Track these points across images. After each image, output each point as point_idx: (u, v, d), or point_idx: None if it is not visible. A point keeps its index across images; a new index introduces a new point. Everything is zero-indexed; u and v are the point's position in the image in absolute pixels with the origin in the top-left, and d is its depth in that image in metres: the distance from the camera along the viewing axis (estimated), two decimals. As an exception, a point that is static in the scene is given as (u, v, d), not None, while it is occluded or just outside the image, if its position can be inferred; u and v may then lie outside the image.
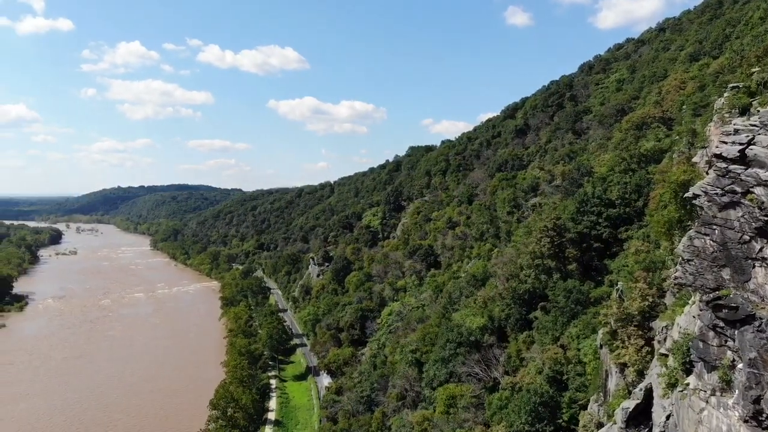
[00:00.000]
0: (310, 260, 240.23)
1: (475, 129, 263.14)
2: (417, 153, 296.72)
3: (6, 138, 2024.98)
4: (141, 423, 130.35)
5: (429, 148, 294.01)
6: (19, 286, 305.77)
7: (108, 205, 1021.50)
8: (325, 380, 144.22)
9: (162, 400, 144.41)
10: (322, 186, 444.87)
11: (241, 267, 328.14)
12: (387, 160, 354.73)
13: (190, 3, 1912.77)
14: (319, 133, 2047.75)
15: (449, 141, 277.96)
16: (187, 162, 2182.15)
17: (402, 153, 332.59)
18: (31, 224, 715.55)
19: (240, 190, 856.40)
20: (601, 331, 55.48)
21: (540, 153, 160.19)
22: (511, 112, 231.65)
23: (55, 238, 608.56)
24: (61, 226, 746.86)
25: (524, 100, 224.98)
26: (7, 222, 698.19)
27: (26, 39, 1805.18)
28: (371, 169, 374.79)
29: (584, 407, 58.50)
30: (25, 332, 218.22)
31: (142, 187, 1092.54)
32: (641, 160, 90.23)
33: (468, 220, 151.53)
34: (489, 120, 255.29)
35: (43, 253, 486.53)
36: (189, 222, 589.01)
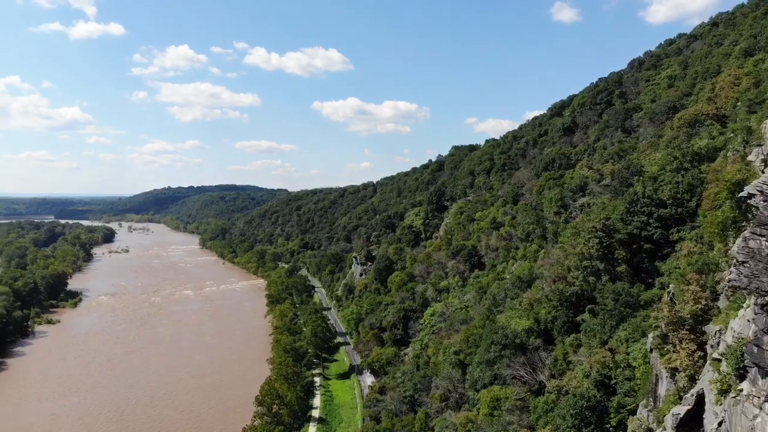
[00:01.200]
0: (353, 259, 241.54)
1: (520, 127, 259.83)
2: (460, 152, 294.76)
3: (61, 140, 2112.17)
4: (188, 418, 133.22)
5: (473, 148, 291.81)
6: (74, 283, 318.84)
7: (158, 205, 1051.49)
8: (368, 379, 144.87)
9: (209, 395, 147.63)
10: (365, 186, 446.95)
11: (286, 265, 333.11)
12: (430, 160, 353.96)
13: (237, 6, 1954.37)
14: (363, 133, 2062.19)
15: (494, 140, 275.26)
16: (234, 163, 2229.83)
17: (445, 152, 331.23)
18: (86, 223, 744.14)
19: (285, 190, 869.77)
20: (651, 335, 54.06)
21: (588, 151, 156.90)
22: (558, 109, 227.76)
23: (108, 236, 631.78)
24: (113, 225, 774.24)
25: (572, 98, 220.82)
26: (63, 221, 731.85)
27: (79, 44, 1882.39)
28: (414, 169, 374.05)
29: (633, 412, 57.10)
30: (78, 328, 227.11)
31: (191, 187, 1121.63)
32: (694, 158, 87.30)
33: (513, 221, 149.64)
34: (535, 118, 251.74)
35: (96, 251, 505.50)
36: (236, 221, 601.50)
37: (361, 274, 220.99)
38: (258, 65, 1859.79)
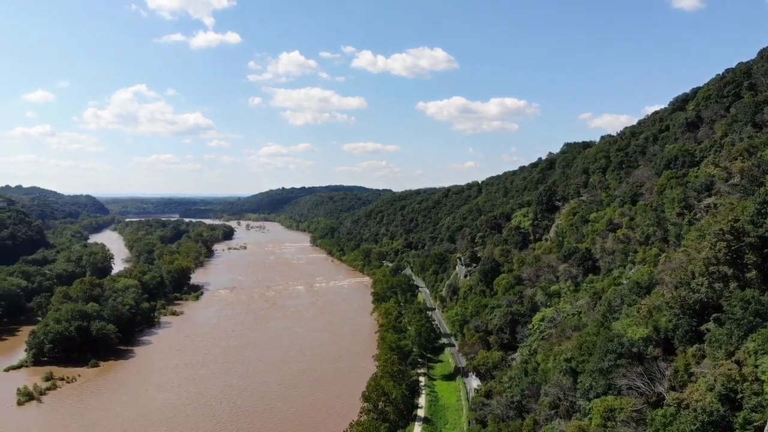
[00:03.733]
0: (458, 260, 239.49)
1: (639, 123, 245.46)
2: (573, 150, 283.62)
3: (185, 144, 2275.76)
4: (297, 411, 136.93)
5: (587, 145, 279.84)
6: (196, 278, 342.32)
7: (273, 205, 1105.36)
8: (474, 382, 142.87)
9: (317, 389, 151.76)
10: (470, 186, 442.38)
11: (390, 264, 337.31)
12: (539, 158, 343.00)
13: (344, 11, 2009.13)
14: (467, 132, 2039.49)
15: (610, 136, 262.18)
16: (342, 164, 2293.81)
17: (556, 150, 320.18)
18: (207, 222, 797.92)
19: (390, 190, 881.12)
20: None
21: (714, 148, 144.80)
22: (680, 103, 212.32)
23: (228, 234, 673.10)
24: (232, 224, 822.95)
25: (696, 91, 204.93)
26: (187, 219, 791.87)
27: (199, 53, 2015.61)
28: (522, 168, 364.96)
29: (760, 429, 52.26)
30: (198, 320, 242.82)
31: (303, 188, 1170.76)
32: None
33: (631, 222, 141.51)
34: (655, 113, 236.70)
35: (217, 247, 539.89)
36: (344, 220, 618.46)
37: (465, 276, 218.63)
38: (364, 68, 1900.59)
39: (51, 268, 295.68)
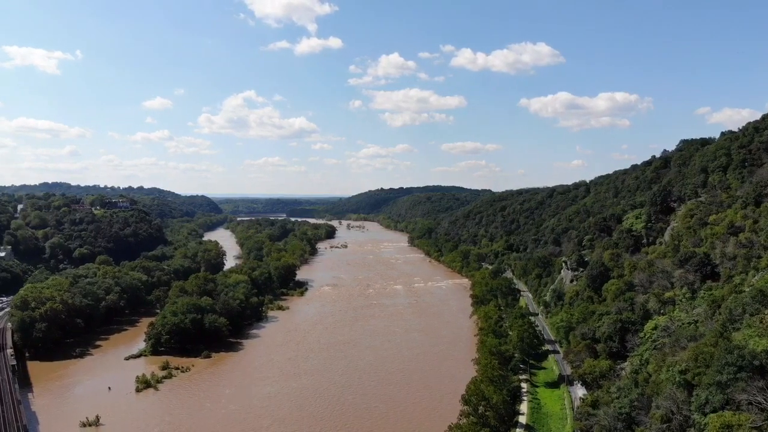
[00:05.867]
0: (563, 264, 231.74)
1: (763, 117, 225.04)
2: (690, 147, 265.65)
3: (292, 147, 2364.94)
4: (396, 411, 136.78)
5: (705, 141, 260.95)
6: (301, 274, 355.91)
7: (373, 205, 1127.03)
8: (579, 391, 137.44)
9: (415, 390, 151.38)
10: (576, 185, 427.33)
11: (490, 267, 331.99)
12: (653, 156, 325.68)
13: (443, 10, 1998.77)
14: (573, 129, 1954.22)
15: (730, 132, 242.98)
16: (440, 164, 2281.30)
17: (671, 147, 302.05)
18: (311, 221, 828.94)
19: (489, 190, 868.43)
20: None
21: None
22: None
23: (330, 233, 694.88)
24: (334, 223, 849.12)
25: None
26: (293, 219, 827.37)
27: (303, 59, 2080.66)
28: (634, 167, 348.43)
29: None
30: (302, 315, 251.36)
31: (401, 189, 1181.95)
32: None
33: (755, 225, 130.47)
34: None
35: (320, 245, 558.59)
36: (441, 221, 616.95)
37: (571, 280, 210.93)
38: (464, 66, 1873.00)
39: (169, 264, 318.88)
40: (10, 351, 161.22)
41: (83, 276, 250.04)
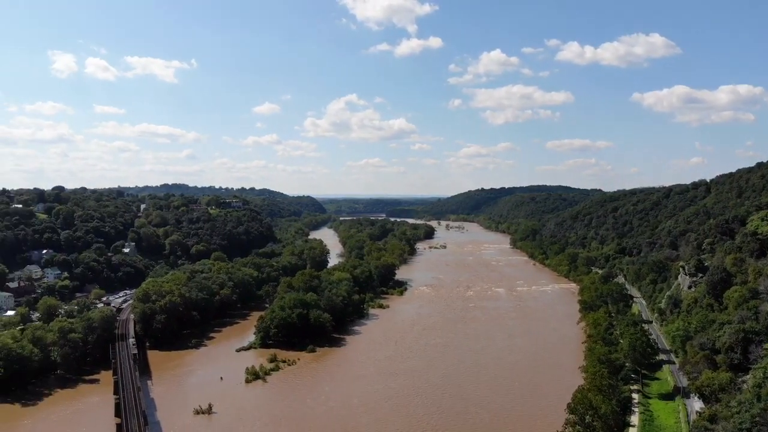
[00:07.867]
0: (680, 269, 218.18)
1: None
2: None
3: (391, 148, 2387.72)
4: (495, 418, 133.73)
5: None
6: (400, 274, 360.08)
7: (472, 206, 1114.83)
8: (696, 404, 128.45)
9: (517, 397, 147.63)
10: (695, 185, 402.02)
11: (600, 271, 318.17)
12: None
13: (546, 3, 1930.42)
14: (692, 124, 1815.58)
15: None
16: (545, 163, 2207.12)
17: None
18: (410, 221, 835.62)
19: (599, 190, 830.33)
20: None
21: None
22: None
23: (429, 233, 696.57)
24: (433, 223, 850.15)
25: None
26: (392, 219, 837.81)
27: (402, 60, 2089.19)
28: (759, 164, 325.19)
29: None
30: (401, 314, 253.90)
31: (502, 188, 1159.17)
32: None
33: None
34: None
35: (419, 246, 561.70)
36: (547, 222, 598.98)
37: (689, 287, 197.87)
38: (571, 60, 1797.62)
39: (277, 261, 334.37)
40: (132, 341, 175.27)
41: (199, 271, 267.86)
